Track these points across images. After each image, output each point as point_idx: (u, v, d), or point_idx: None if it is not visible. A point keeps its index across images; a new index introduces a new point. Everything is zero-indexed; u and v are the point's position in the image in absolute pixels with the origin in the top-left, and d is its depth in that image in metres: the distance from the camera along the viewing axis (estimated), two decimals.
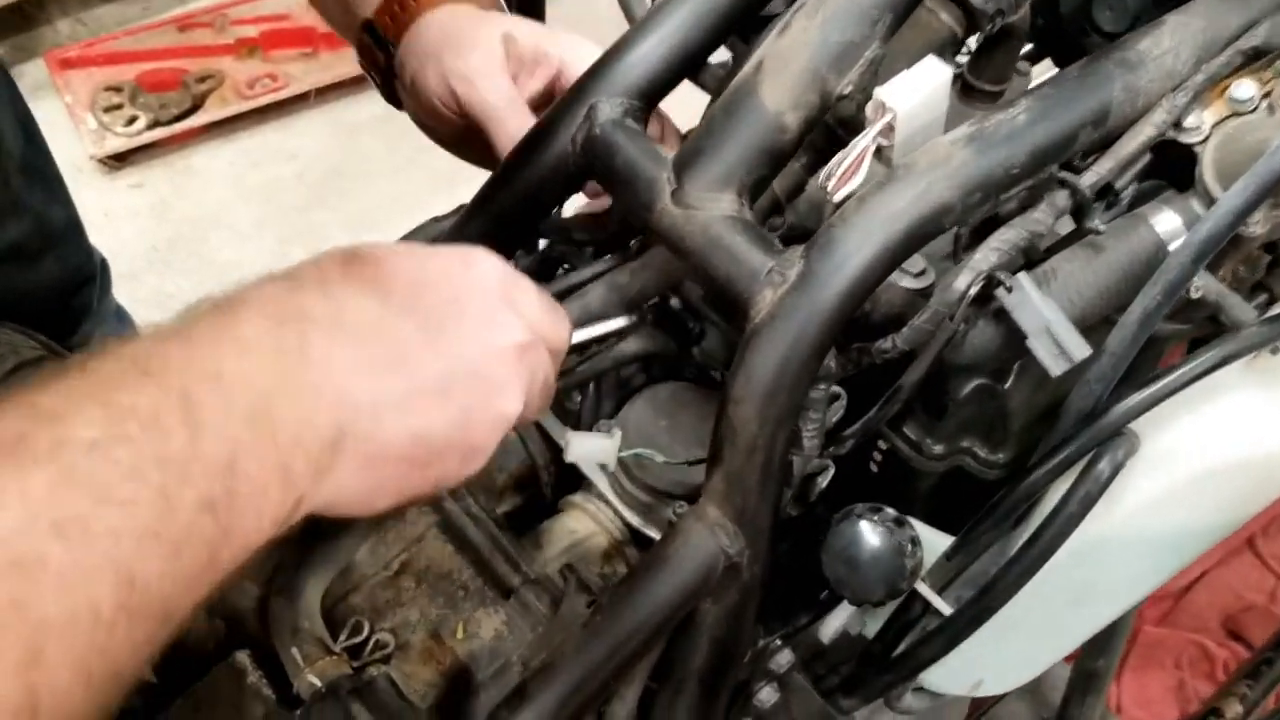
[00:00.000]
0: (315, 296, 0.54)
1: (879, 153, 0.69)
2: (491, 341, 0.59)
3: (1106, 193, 0.69)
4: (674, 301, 0.83)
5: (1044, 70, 1.15)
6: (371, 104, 2.63)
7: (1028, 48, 1.07)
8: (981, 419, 0.75)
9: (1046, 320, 0.65)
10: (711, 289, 0.66)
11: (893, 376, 0.72)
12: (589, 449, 0.73)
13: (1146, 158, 0.69)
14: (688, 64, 0.72)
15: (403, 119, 0.94)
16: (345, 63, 2.46)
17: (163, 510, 0.44)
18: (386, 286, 0.57)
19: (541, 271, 0.80)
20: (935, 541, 0.75)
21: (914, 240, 0.63)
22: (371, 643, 0.71)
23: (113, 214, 2.35)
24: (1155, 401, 0.68)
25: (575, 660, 0.65)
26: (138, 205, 2.37)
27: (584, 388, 0.81)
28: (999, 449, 0.77)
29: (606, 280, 0.75)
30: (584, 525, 0.80)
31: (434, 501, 0.77)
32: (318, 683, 0.67)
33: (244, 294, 0.53)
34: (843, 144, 0.71)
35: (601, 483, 0.80)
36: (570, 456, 0.72)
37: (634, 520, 0.80)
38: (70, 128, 2.40)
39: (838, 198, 0.66)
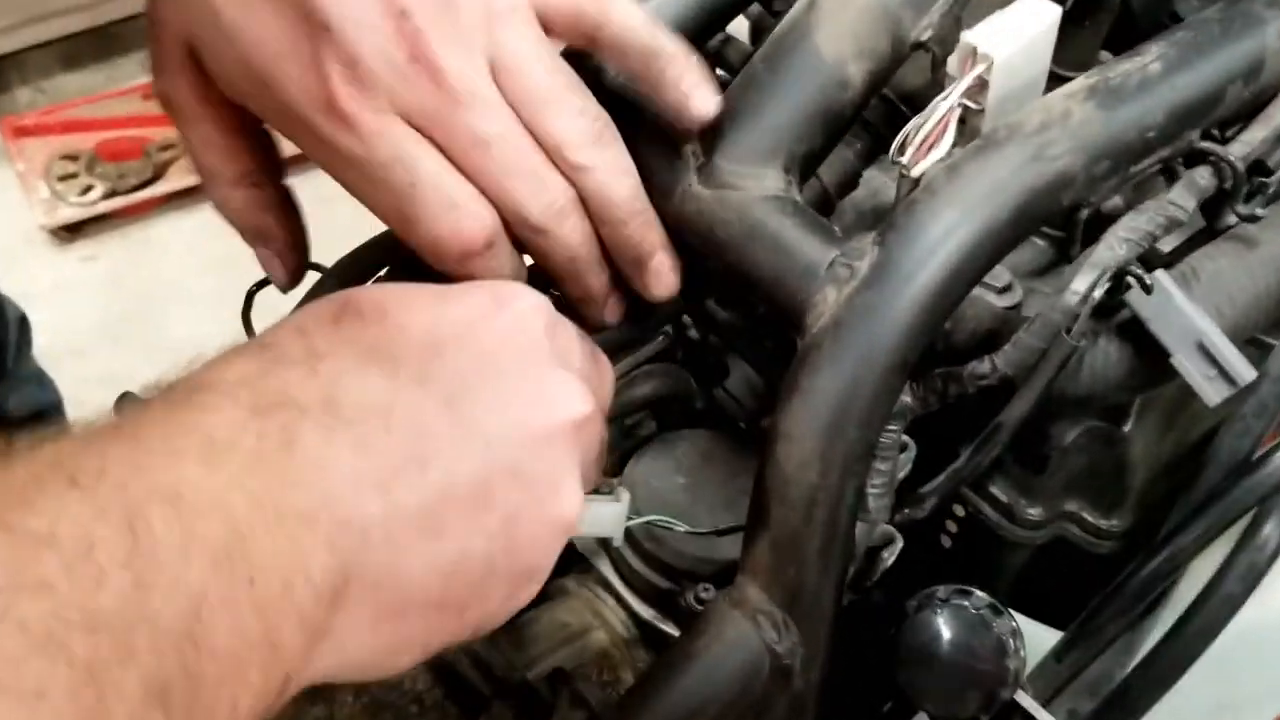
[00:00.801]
0: (300, 374, 0.39)
1: (963, 122, 0.53)
2: (544, 418, 0.43)
3: (1258, 171, 0.53)
4: (692, 330, 0.66)
5: None
6: None
7: None
8: (1093, 474, 0.59)
9: (1199, 331, 0.49)
10: (755, 294, 0.50)
11: (974, 424, 0.55)
12: (588, 520, 0.55)
13: None
14: (717, 15, 0.57)
15: None
16: None
17: (92, 708, 0.29)
18: (394, 350, 0.41)
19: None
20: (1036, 636, 0.58)
21: (1025, 220, 0.47)
22: None
23: (62, 286, 2.19)
24: None
25: None
26: (90, 277, 2.21)
27: None
28: (1114, 513, 0.60)
29: None
30: (579, 618, 0.62)
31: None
32: None
33: (206, 376, 0.38)
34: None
35: (602, 561, 0.63)
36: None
37: (645, 612, 0.62)
38: (21, 197, 2.25)
39: (916, 171, 0.50)
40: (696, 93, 0.49)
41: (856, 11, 0.50)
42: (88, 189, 2.25)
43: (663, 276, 0.51)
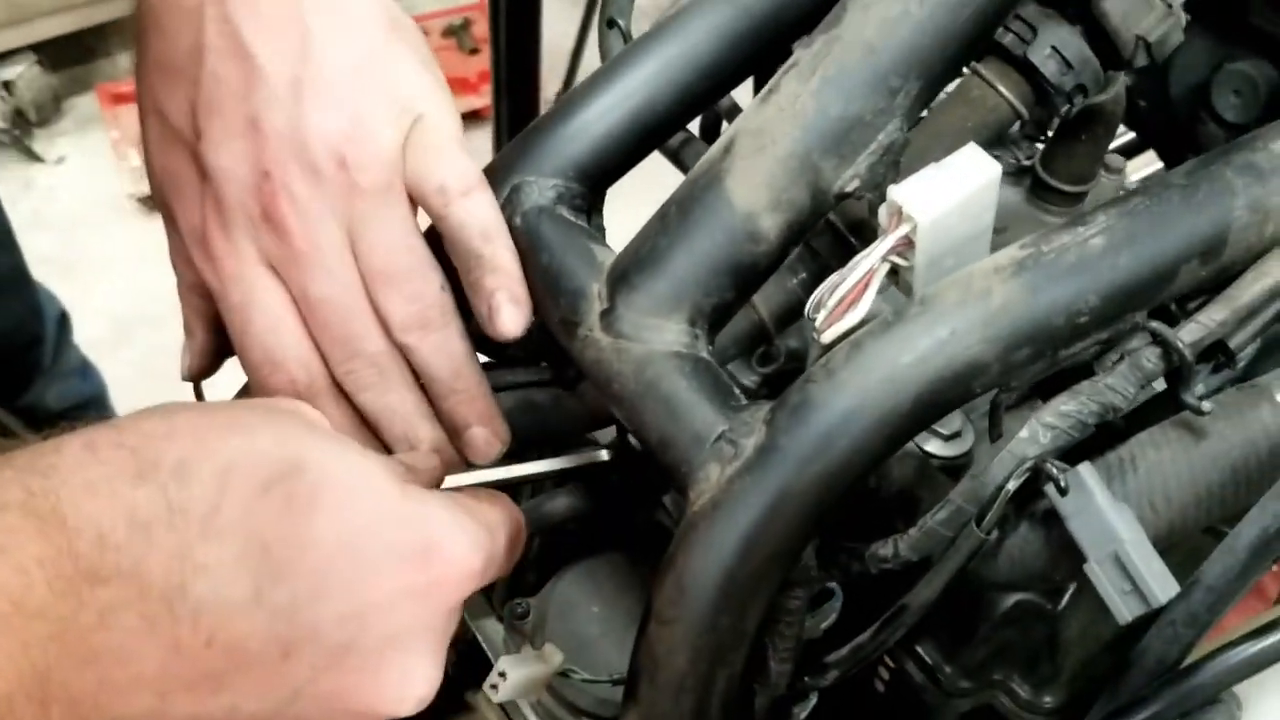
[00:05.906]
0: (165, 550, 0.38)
1: (894, 276, 0.49)
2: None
3: (1215, 354, 0.48)
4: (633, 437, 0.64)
5: (1145, 164, 0.95)
6: None
7: (1127, 137, 0.88)
8: (1024, 647, 0.55)
9: (1118, 540, 0.45)
10: (648, 453, 0.48)
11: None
12: (522, 681, 0.54)
13: (1276, 307, 0.49)
14: (653, 134, 0.54)
15: None
16: None
17: None
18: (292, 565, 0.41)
19: None
20: None
21: (928, 410, 0.44)
22: None
23: (147, 256, 2.23)
24: (1270, 660, 0.47)
25: None
26: None
27: None
28: (1046, 689, 0.56)
29: (519, 398, 0.56)
30: None
31: None
32: None
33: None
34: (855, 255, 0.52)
35: (491, 709, 0.61)
36: (501, 696, 0.54)
37: None
38: (113, 164, 2.31)
39: (827, 338, 0.47)
40: (503, 311, 0.50)
41: (772, 160, 0.47)
42: None
43: (477, 448, 0.52)
